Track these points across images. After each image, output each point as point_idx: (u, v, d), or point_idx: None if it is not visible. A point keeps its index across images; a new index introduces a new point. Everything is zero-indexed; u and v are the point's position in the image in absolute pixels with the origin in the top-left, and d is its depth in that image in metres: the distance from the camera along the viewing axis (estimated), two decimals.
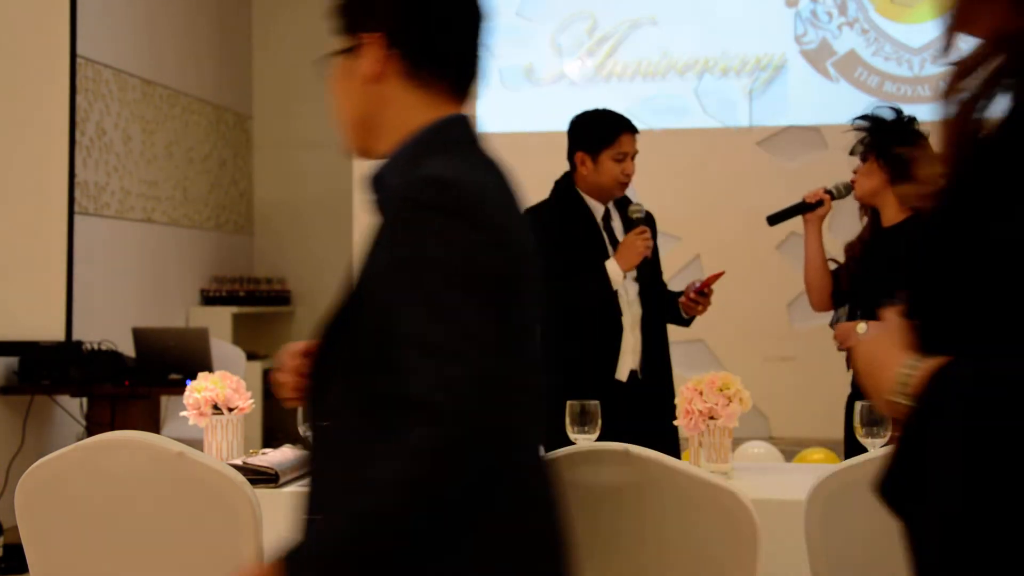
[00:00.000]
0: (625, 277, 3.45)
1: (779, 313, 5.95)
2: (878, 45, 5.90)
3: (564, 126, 3.71)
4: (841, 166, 5.92)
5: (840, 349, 3.42)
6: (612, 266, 3.42)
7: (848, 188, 3.47)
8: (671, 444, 3.40)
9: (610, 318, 3.47)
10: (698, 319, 3.73)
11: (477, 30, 1.63)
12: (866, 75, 5.90)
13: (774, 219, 3.58)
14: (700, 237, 5.66)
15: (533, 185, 6.27)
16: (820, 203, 3.48)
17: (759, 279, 5.95)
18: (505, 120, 6.18)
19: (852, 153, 3.42)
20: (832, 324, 3.48)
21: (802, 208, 3.51)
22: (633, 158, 3.51)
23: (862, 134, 3.40)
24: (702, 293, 3.52)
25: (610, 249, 3.48)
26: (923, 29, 5.89)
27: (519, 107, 6.17)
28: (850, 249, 3.49)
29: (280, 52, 7.82)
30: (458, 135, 1.62)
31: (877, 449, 2.25)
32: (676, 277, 5.92)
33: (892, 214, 3.33)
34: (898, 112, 3.37)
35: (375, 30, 1.59)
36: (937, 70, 5.86)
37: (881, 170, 3.32)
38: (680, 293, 3.58)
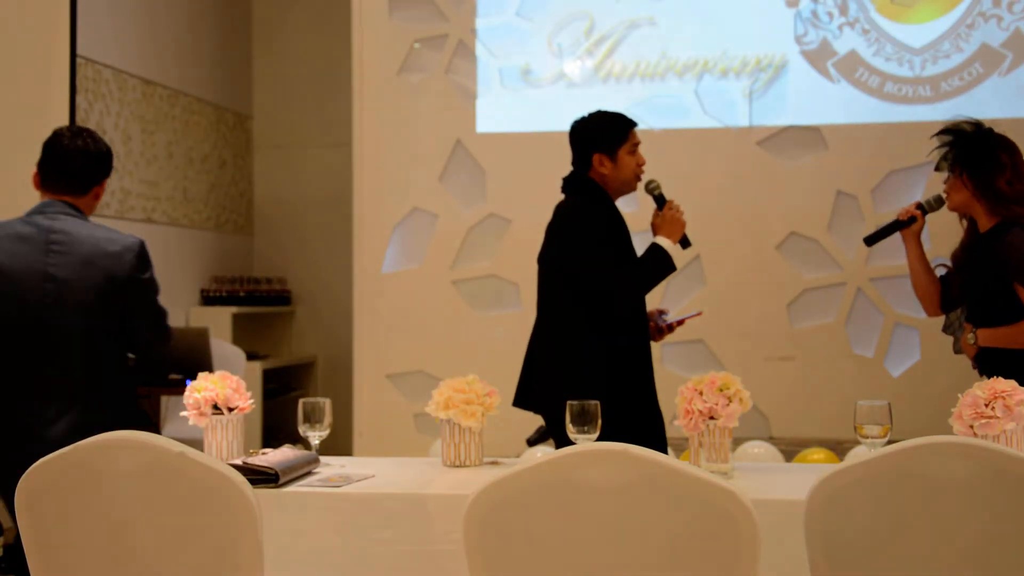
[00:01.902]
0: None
1: (779, 313, 5.95)
2: (879, 45, 5.89)
3: (563, 126, 3.72)
4: (841, 166, 5.93)
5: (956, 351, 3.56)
6: (664, 242, 3.51)
7: (939, 200, 3.57)
8: (661, 441, 3.52)
9: (637, 317, 3.55)
10: (698, 319, 3.81)
11: None
12: (867, 75, 5.89)
13: (871, 239, 3.72)
14: (700, 237, 5.64)
15: (533, 184, 6.26)
16: (913, 219, 3.58)
17: (759, 279, 5.95)
18: (504, 120, 6.18)
19: (937, 169, 3.51)
20: (944, 329, 3.57)
21: (896, 226, 3.62)
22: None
23: (945, 150, 3.47)
24: (671, 327, 3.66)
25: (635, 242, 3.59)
26: (924, 29, 5.89)
27: (518, 107, 6.17)
28: (956, 256, 3.58)
29: (280, 52, 7.82)
30: None
31: (878, 448, 2.25)
32: (676, 277, 5.92)
33: (984, 221, 3.42)
34: (978, 124, 3.44)
35: None
36: (938, 70, 5.85)
37: (967, 183, 3.39)
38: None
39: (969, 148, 3.39)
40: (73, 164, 3.48)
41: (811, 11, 5.95)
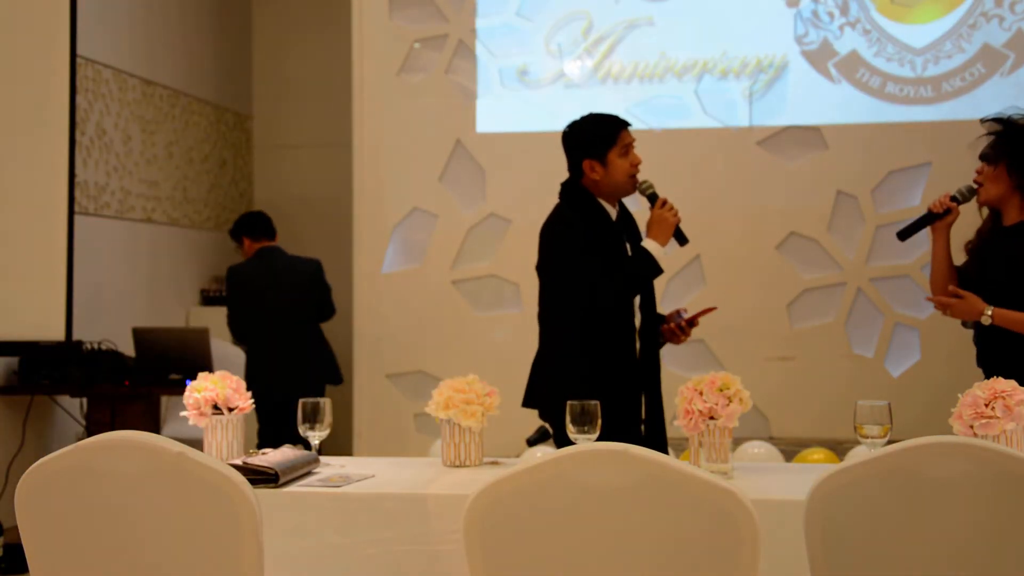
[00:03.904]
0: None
1: (779, 313, 5.95)
2: (880, 46, 5.89)
3: (563, 126, 3.71)
4: (841, 166, 5.93)
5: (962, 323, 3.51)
6: (651, 244, 3.45)
7: (971, 191, 3.47)
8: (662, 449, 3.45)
9: (625, 322, 3.50)
10: (711, 314, 3.77)
11: None
12: (868, 76, 5.89)
13: (904, 234, 3.61)
14: (700, 237, 5.64)
15: (533, 184, 6.26)
16: (947, 211, 3.49)
17: (759, 279, 5.95)
18: (504, 120, 6.18)
19: (982, 157, 3.41)
20: (965, 324, 3.51)
21: (931, 218, 3.52)
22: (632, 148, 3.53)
23: (991, 138, 3.40)
24: (691, 323, 3.59)
25: (628, 249, 3.51)
26: (925, 29, 5.89)
27: (518, 107, 6.17)
28: (970, 245, 3.53)
29: (280, 52, 7.82)
30: None
31: (878, 448, 2.24)
32: (676, 277, 5.92)
33: (1014, 215, 3.38)
34: None
35: None
36: (940, 71, 5.85)
37: (1009, 176, 3.34)
38: (662, 318, 3.62)
39: (1019, 141, 3.33)
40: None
41: (811, 11, 5.95)
